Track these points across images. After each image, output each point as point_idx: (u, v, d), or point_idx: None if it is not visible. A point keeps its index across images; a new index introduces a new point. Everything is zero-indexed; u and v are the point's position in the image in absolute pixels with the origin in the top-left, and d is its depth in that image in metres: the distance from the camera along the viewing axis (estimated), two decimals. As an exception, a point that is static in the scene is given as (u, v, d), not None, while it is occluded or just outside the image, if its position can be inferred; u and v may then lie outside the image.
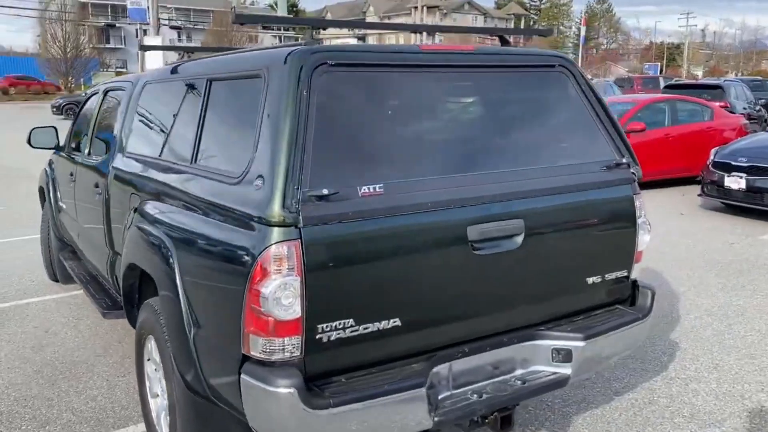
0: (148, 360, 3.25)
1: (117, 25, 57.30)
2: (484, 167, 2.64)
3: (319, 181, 2.23)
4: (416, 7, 74.13)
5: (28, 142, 5.42)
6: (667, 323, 5.11)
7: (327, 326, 2.26)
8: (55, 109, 31.10)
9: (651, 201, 10.13)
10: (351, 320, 2.30)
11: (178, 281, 2.63)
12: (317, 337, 2.25)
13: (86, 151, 4.66)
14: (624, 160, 2.99)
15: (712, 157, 9.45)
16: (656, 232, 7.99)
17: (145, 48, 4.80)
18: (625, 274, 3.06)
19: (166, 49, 5.54)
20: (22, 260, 6.92)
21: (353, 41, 43.58)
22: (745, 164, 8.86)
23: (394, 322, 2.41)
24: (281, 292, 2.17)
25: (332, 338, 2.28)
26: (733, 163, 9.01)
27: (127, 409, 3.79)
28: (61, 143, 5.50)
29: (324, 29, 4.04)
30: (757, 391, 3.99)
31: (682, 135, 11.14)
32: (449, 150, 2.65)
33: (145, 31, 40.85)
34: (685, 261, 6.87)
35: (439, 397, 2.54)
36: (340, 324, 2.28)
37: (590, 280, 2.93)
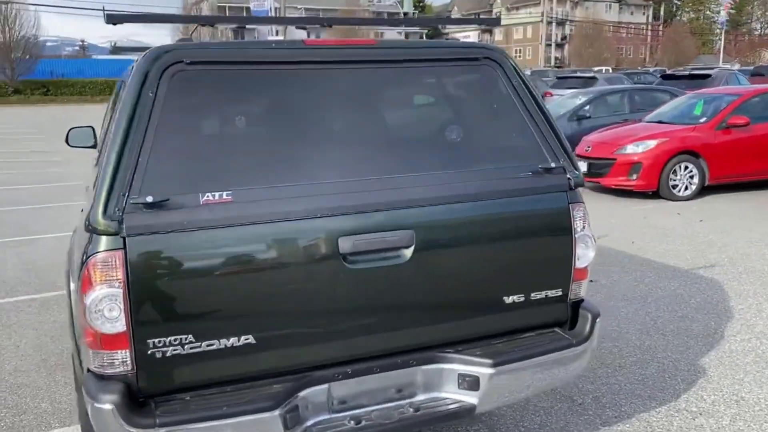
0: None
1: (248, 27, 60.27)
2: (369, 173, 2.41)
3: (151, 188, 2.12)
4: (545, -3, 71.86)
5: (66, 141, 5.73)
6: (704, 344, 4.51)
7: (159, 342, 2.15)
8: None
9: (752, 203, 9.13)
10: (190, 336, 2.18)
11: (71, 287, 2.63)
12: (149, 352, 2.15)
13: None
14: (555, 165, 2.62)
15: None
16: (744, 239, 7.16)
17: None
18: (560, 293, 2.69)
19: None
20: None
21: (474, 35, 42.95)
22: None
23: (247, 339, 2.25)
24: (104, 303, 2.09)
25: (168, 354, 2.17)
26: None
27: (100, 404, 3.89)
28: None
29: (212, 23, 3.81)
30: (773, 434, 3.41)
31: (797, 129, 9.86)
32: (325, 155, 2.44)
33: (277, 32, 42.81)
34: (758, 274, 6.06)
35: (309, 422, 2.36)
36: (175, 340, 2.16)
37: (509, 299, 2.60)
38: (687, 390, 3.89)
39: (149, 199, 2.09)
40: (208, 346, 2.20)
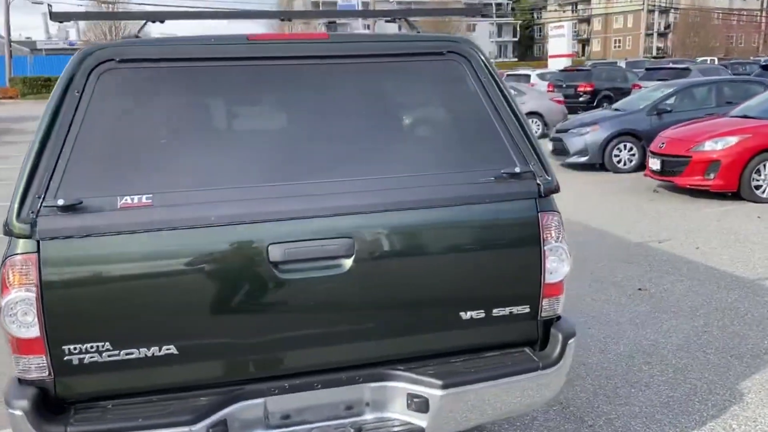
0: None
1: (339, 22, 61.26)
2: (306, 177, 2.26)
3: (68, 191, 2.07)
4: (647, -16, 68.42)
5: None
6: (749, 366, 4.06)
7: (75, 348, 2.10)
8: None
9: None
10: (107, 344, 2.11)
11: None
12: (65, 359, 2.10)
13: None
14: (523, 170, 2.37)
15: None
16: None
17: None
18: (527, 310, 2.44)
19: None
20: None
21: (568, 25, 41.36)
22: None
23: (168, 349, 2.16)
24: (18, 307, 2.06)
25: (86, 362, 2.11)
26: None
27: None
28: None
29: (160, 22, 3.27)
30: (804, 475, 3.00)
31: None
32: (259, 158, 2.30)
33: (368, 26, 43.27)
34: (834, 287, 5.44)
35: None
36: (92, 347, 2.11)
37: (467, 315, 2.38)
38: (716, 417, 3.50)
39: (60, 202, 2.04)
40: (126, 354, 2.13)
